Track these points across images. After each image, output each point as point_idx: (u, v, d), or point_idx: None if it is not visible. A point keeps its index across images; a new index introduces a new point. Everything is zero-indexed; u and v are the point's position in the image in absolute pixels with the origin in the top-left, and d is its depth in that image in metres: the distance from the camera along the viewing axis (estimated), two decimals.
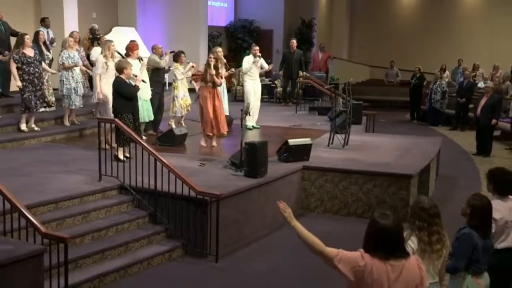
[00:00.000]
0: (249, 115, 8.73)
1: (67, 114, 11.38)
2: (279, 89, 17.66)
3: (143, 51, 14.13)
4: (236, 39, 21.01)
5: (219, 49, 11.23)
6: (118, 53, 10.97)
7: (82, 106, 11.33)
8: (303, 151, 9.58)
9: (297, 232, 3.79)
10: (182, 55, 11.63)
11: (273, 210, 8.67)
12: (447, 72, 21.63)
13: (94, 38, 14.65)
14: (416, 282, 3.55)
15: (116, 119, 8.08)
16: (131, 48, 10.60)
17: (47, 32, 12.73)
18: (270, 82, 18.27)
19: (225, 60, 11.46)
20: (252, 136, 11.93)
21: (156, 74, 11.22)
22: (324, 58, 20.71)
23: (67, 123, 11.39)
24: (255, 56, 12.49)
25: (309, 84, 17.16)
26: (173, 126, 12.10)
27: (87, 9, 16.90)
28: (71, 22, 14.90)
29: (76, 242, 6.75)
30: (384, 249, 3.48)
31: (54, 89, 11.81)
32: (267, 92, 18.35)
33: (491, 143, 13.70)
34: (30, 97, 10.26)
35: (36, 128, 10.80)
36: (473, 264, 4.54)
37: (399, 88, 21.87)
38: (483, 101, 13.55)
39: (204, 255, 7.38)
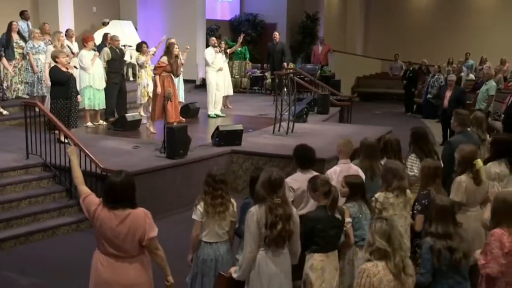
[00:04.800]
0: (170, 101, 9.26)
1: (36, 100, 12.16)
2: (268, 80, 18.10)
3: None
4: (240, 33, 21.45)
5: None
6: (68, 46, 11.73)
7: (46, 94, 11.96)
8: (235, 136, 10.10)
9: (70, 162, 4.65)
10: (144, 45, 12.31)
11: (193, 190, 9.25)
12: (454, 65, 21.58)
13: None
14: (140, 231, 4.25)
15: (38, 103, 8.83)
16: (86, 39, 11.41)
17: (27, 24, 13.54)
18: (261, 74, 18.76)
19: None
20: (212, 124, 12.52)
21: (112, 65, 11.84)
22: (324, 51, 20.88)
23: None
24: (214, 46, 13.00)
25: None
26: (142, 113, 12.86)
27: (87, 3, 17.69)
28: (66, 15, 15.57)
29: None
30: (110, 200, 4.24)
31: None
32: (258, 84, 18.85)
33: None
34: None
35: (4, 112, 11.67)
36: None
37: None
38: (448, 94, 13.68)
39: None
